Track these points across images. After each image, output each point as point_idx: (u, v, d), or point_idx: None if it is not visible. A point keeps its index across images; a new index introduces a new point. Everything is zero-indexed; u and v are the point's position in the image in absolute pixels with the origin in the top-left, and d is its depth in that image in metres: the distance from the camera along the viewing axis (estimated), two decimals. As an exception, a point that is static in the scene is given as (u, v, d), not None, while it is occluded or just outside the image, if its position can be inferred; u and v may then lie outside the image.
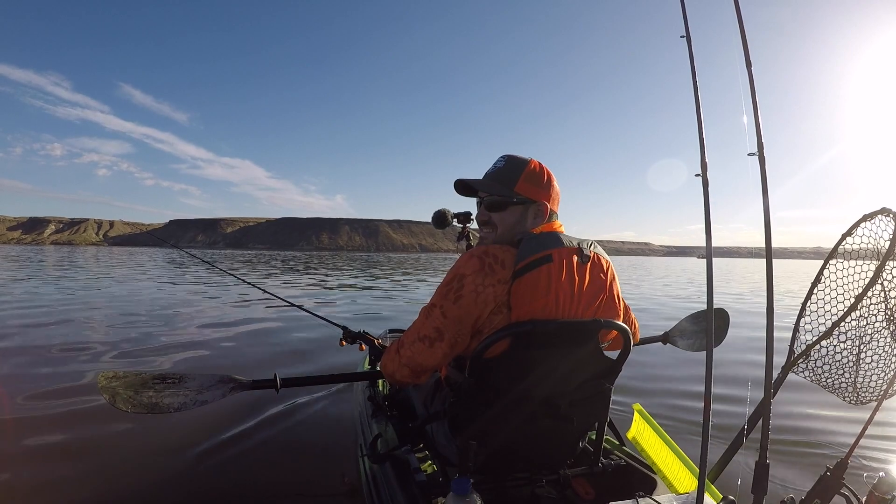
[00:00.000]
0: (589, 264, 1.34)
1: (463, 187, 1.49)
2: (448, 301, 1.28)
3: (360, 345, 2.35)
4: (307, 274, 20.96)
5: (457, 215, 2.13)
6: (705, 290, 1.03)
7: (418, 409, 1.73)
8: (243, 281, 3.70)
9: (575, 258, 1.32)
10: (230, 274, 3.65)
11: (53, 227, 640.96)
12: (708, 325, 1.00)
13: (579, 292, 1.31)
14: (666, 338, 2.32)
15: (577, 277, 1.31)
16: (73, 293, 10.58)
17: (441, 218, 2.05)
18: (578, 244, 1.34)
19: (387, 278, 19.68)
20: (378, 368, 1.64)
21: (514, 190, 1.39)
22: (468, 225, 2.17)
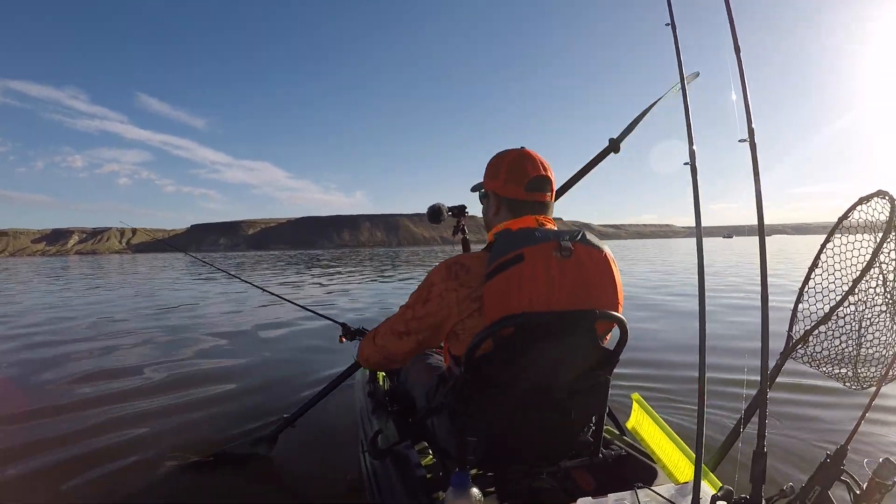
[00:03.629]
0: (573, 258, 1.29)
1: (473, 187, 1.61)
2: (418, 304, 1.39)
3: (360, 341, 2.36)
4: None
5: (451, 209, 2.12)
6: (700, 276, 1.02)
7: (420, 403, 1.73)
8: (252, 284, 3.74)
9: (552, 253, 1.28)
10: (235, 276, 3.66)
11: (77, 237, 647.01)
12: (700, 316, 0.99)
13: (559, 289, 1.28)
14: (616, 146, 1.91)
15: (555, 274, 1.27)
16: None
17: (436, 212, 2.04)
18: (558, 238, 1.30)
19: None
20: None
21: (483, 182, 1.52)
22: (462, 218, 2.16)
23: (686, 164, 1.02)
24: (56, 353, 5.35)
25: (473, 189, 1.61)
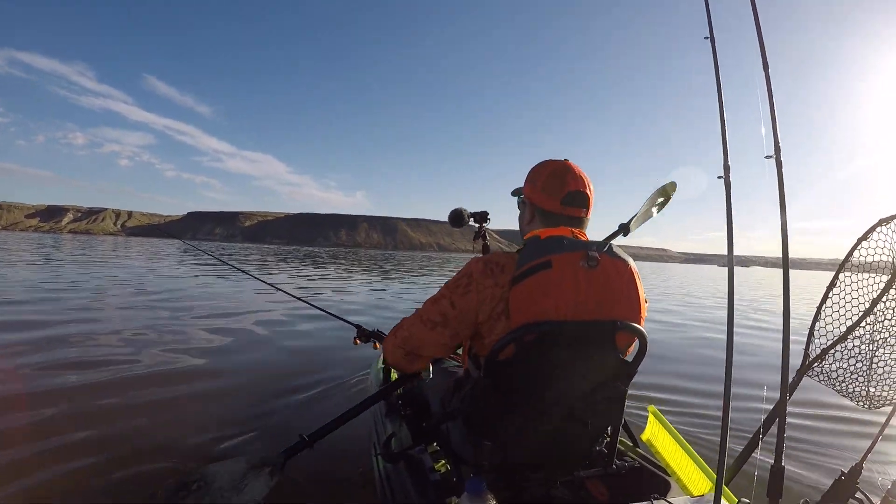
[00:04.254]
0: (599, 268, 1.31)
1: (514, 191, 1.66)
2: (457, 294, 1.36)
3: (374, 343, 2.37)
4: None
5: (473, 214, 2.12)
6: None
7: (435, 408, 1.74)
8: (264, 283, 3.73)
9: (579, 263, 1.29)
10: (248, 274, 3.66)
11: (71, 215, 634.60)
12: (729, 334, 1.00)
13: (585, 298, 1.29)
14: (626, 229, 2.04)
15: (581, 283, 1.28)
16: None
17: (458, 217, 2.04)
18: (586, 248, 1.31)
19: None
20: (395, 377, 1.69)
21: (522, 189, 1.54)
22: (484, 224, 2.17)
23: (720, 177, 1.04)
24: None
25: (514, 193, 1.63)
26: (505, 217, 1.66)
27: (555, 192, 1.43)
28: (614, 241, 1.40)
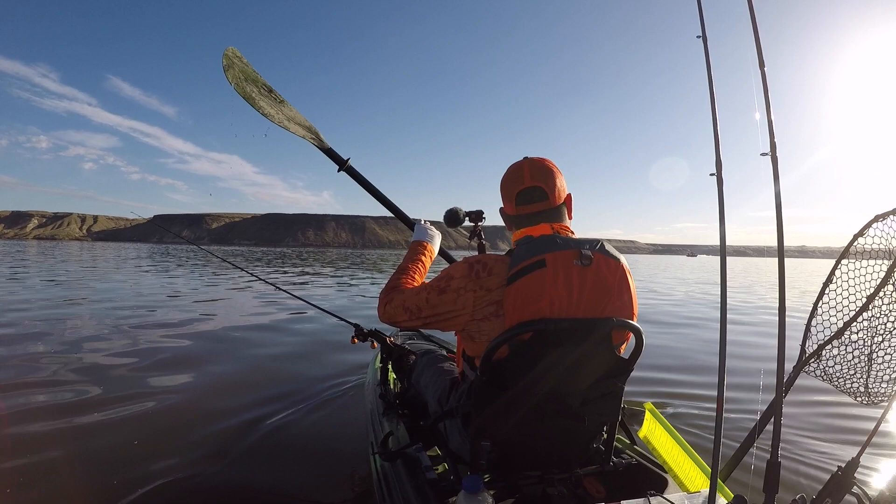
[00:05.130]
0: (592, 266, 1.31)
1: None
2: (433, 292, 1.39)
3: (372, 342, 2.37)
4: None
5: (469, 213, 2.12)
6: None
7: (432, 407, 1.74)
8: (265, 281, 3.74)
9: (573, 261, 1.29)
10: (246, 271, 3.66)
11: (36, 221, 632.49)
12: (722, 329, 1.00)
13: (578, 296, 1.29)
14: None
15: (575, 281, 1.29)
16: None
17: (453, 216, 2.04)
18: (578, 246, 1.32)
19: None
20: (393, 376, 1.73)
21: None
22: (479, 223, 2.16)
23: (712, 174, 1.04)
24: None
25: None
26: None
27: (509, 196, 1.47)
28: (608, 241, 1.40)
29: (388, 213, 2.29)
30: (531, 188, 1.43)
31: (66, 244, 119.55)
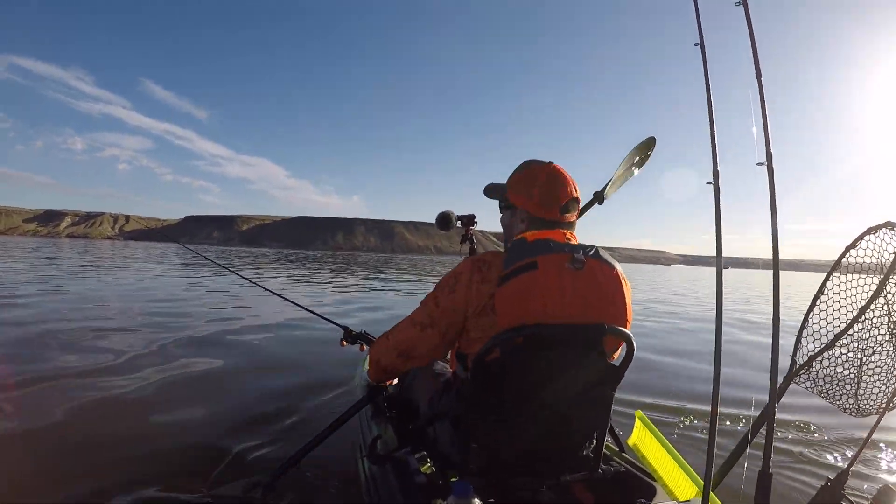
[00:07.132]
0: (586, 271, 1.31)
1: (487, 190, 1.65)
2: (443, 293, 1.41)
3: (361, 345, 2.35)
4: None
5: (460, 217, 2.12)
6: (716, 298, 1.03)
7: (423, 410, 1.72)
8: (249, 281, 3.71)
9: (566, 264, 1.30)
10: (235, 273, 3.64)
11: (69, 220, 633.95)
12: (717, 342, 1.00)
13: (571, 299, 1.29)
14: (601, 197, 1.97)
15: (567, 285, 1.29)
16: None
17: (445, 220, 2.04)
18: (572, 251, 1.32)
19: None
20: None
21: (505, 195, 1.54)
22: (471, 227, 2.16)
23: (708, 182, 1.03)
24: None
25: (491, 195, 1.63)
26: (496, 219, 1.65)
27: (553, 202, 1.45)
28: (602, 247, 1.40)
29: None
30: (575, 199, 1.47)
31: (98, 243, 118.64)
